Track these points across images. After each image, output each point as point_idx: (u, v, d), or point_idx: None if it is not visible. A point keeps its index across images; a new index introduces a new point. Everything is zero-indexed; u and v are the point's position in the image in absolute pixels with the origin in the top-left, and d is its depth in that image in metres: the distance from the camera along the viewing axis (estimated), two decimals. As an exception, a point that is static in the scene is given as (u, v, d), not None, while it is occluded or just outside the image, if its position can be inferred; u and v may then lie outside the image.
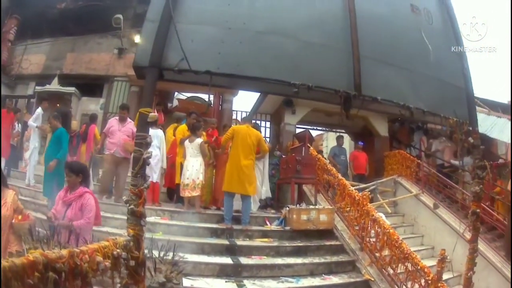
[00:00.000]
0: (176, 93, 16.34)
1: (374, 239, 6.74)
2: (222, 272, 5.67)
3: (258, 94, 13.06)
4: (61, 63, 14.04)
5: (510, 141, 10.54)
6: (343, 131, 15.23)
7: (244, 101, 63.72)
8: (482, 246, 6.75)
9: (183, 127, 8.67)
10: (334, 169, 9.01)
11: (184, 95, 16.27)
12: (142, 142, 2.59)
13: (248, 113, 14.89)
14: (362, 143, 12.53)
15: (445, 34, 4.21)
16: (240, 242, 6.72)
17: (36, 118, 9.34)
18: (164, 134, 8.66)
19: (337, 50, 3.40)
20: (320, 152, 12.63)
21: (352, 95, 3.18)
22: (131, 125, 7.95)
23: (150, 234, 3.72)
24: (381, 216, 6.99)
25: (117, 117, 8.26)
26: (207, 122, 9.81)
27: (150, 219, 6.31)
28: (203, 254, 6.10)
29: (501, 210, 9.37)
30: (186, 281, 4.78)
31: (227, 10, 3.13)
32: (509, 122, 10.64)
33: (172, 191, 8.87)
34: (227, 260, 5.98)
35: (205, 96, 15.09)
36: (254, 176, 7.68)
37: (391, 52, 3.70)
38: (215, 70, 2.89)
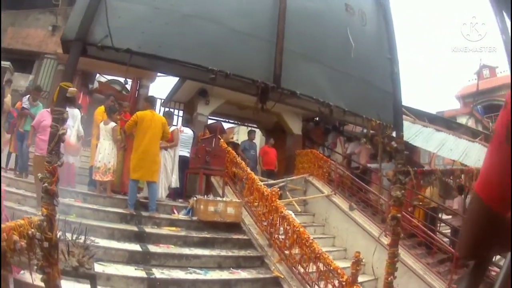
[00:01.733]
0: (97, 75, 16.75)
1: (283, 236, 7.12)
2: (131, 259, 5.94)
3: (175, 82, 13.54)
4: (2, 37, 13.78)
5: (435, 151, 11.42)
6: (255, 126, 16.09)
7: (160, 87, 68.20)
8: (401, 252, 7.20)
9: (101, 109, 8.82)
10: (243, 163, 9.45)
11: (105, 78, 16.72)
12: (58, 118, 2.71)
13: (150, 95, 15.17)
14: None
15: (378, 37, 4.41)
16: (148, 229, 7.06)
17: None
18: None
19: (261, 40, 3.51)
20: (232, 144, 13.23)
21: (270, 86, 3.32)
22: None
23: (64, 216, 3.94)
24: (290, 214, 7.39)
25: (48, 109, 7.61)
26: (121, 105, 10.08)
27: (64, 200, 6.45)
28: (113, 239, 6.34)
29: (421, 218, 10.19)
30: (97, 267, 4.95)
31: (157, -11, 3.14)
32: (435, 132, 11.54)
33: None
34: (136, 247, 6.28)
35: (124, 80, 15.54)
36: (159, 162, 7.95)
37: (318, 48, 3.85)
38: (136, 49, 2.94)
